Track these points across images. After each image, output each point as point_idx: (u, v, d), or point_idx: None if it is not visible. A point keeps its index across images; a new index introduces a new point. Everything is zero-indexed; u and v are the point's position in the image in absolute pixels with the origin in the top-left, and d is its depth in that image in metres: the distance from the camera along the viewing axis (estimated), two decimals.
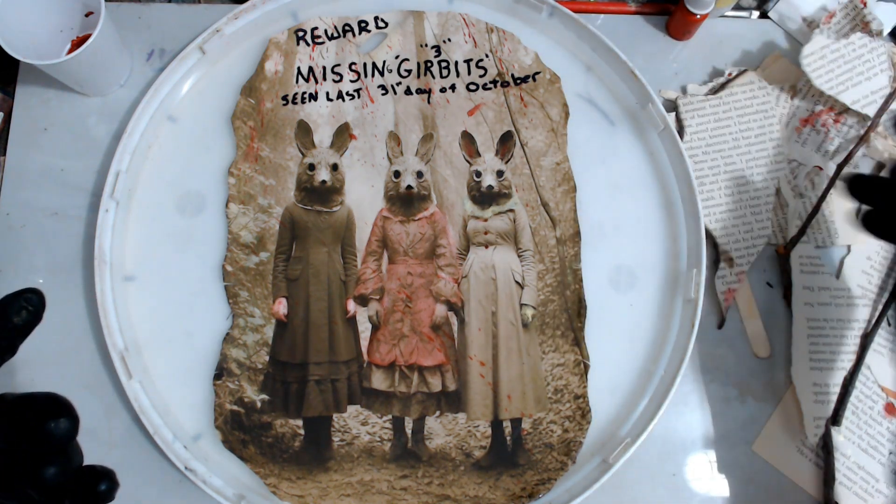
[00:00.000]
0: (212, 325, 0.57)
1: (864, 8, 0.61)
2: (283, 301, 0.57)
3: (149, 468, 0.55)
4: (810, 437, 0.55)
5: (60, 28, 0.60)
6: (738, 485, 0.55)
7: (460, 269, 0.58)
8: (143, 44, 0.63)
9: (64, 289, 0.58)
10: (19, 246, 0.59)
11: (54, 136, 0.61)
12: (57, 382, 0.56)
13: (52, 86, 0.62)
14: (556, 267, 0.58)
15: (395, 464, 0.54)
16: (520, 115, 0.61)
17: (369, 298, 0.57)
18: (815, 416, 0.55)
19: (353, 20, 0.63)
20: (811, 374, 0.56)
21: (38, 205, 0.60)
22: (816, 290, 0.58)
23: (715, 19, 0.65)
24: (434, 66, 0.62)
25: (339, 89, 0.61)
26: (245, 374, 0.56)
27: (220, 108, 0.61)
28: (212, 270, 0.58)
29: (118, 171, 0.58)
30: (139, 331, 0.57)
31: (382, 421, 0.55)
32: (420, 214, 0.59)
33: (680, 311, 0.57)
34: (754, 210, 0.59)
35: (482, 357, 0.56)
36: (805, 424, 0.55)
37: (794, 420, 0.56)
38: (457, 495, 0.53)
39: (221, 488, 0.53)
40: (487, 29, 0.63)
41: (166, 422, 0.54)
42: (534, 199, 0.59)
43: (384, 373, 0.56)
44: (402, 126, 0.61)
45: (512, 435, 0.55)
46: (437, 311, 0.57)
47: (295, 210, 0.59)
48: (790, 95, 0.62)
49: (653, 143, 0.61)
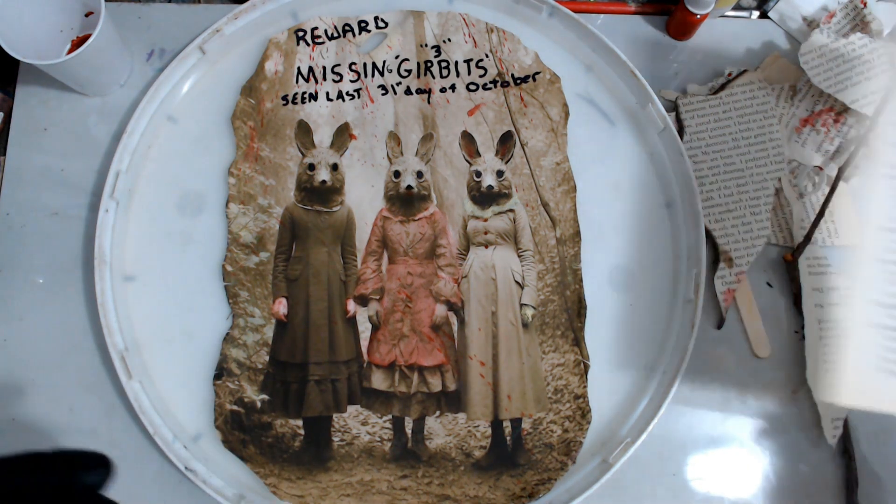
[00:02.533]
0: (212, 325, 0.57)
1: (864, 8, 0.61)
2: (283, 301, 0.57)
3: (149, 468, 0.55)
4: (829, 437, 0.55)
5: (60, 28, 0.60)
6: (739, 485, 0.56)
7: (460, 269, 0.58)
8: (143, 44, 0.63)
9: (64, 289, 0.58)
10: (19, 246, 0.59)
11: (54, 136, 0.61)
12: (57, 382, 0.56)
13: (52, 86, 0.62)
14: (556, 267, 0.58)
15: (395, 464, 0.54)
16: (520, 115, 0.61)
17: (369, 298, 0.57)
18: (833, 416, 0.55)
19: (353, 20, 0.63)
20: (827, 375, 0.55)
21: (38, 205, 0.60)
22: (825, 291, 0.58)
23: (715, 19, 0.65)
24: (434, 66, 0.62)
25: (339, 89, 0.61)
26: (245, 374, 0.56)
27: (220, 108, 0.61)
28: (212, 270, 0.58)
29: (118, 171, 0.58)
30: (139, 331, 0.57)
31: (382, 421, 0.55)
32: (420, 214, 0.59)
33: (680, 311, 0.57)
34: (754, 210, 0.59)
35: (482, 357, 0.56)
36: (823, 426, 0.55)
37: (808, 420, 0.56)
38: (457, 495, 0.53)
39: (221, 488, 0.53)
40: (487, 29, 0.63)
41: (166, 422, 0.54)
42: (534, 199, 0.59)
43: (384, 373, 0.56)
44: (402, 126, 0.61)
45: (512, 435, 0.55)
46: (437, 311, 0.57)
47: (295, 210, 0.59)
48: (790, 95, 0.62)
49: (653, 143, 0.61)
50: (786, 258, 0.59)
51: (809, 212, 0.60)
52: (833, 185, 0.59)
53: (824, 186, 0.60)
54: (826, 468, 0.56)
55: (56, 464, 0.34)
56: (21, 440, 0.56)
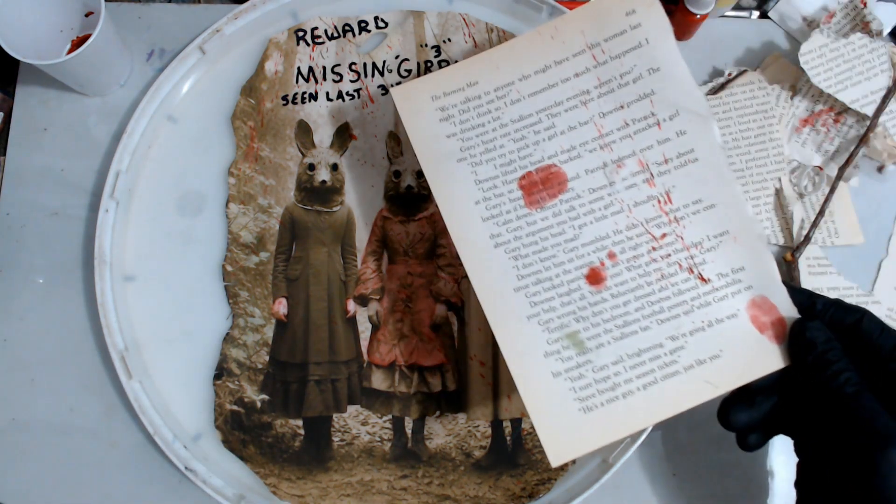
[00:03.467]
0: (212, 325, 0.57)
1: (864, 8, 0.61)
2: (283, 301, 0.57)
3: (149, 468, 0.55)
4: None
5: (60, 28, 0.60)
6: (740, 485, 0.55)
7: (460, 269, 0.58)
8: (143, 44, 0.63)
9: (64, 289, 0.58)
10: (19, 246, 0.59)
11: (54, 136, 0.61)
12: (57, 382, 0.56)
13: (52, 86, 0.62)
14: None
15: (395, 464, 0.54)
16: None
17: (369, 298, 0.57)
18: None
19: (353, 20, 0.63)
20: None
21: (38, 205, 0.60)
22: (825, 292, 0.58)
23: (715, 19, 0.65)
24: (434, 66, 0.62)
25: (339, 89, 0.61)
26: (245, 374, 0.56)
27: (220, 108, 0.61)
28: (212, 270, 0.58)
29: (118, 171, 0.58)
30: (139, 331, 0.57)
31: (382, 421, 0.55)
32: (420, 214, 0.59)
33: None
34: (754, 210, 0.59)
35: (482, 357, 0.56)
36: None
37: None
38: (457, 495, 0.53)
39: (221, 488, 0.53)
40: (487, 29, 0.63)
41: (166, 422, 0.54)
42: None
43: (384, 373, 0.56)
44: (402, 126, 0.61)
45: (512, 435, 0.55)
46: (438, 311, 0.57)
47: (295, 210, 0.59)
48: (790, 95, 0.62)
49: None
50: (786, 258, 0.59)
51: (809, 212, 0.60)
52: (833, 185, 0.59)
53: (824, 186, 0.60)
54: None
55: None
56: (21, 440, 0.56)
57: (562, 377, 0.43)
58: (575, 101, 0.48)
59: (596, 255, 0.45)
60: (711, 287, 0.44)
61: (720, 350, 0.43)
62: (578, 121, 0.47)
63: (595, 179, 0.46)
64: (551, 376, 0.43)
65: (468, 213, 0.47)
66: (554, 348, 0.44)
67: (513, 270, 0.45)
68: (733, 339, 0.43)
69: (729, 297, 0.44)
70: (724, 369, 0.43)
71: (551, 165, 0.47)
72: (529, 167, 0.47)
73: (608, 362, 0.43)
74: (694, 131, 0.46)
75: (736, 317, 0.43)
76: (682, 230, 0.45)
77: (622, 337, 0.44)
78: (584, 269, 0.45)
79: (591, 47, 0.48)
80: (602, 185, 0.46)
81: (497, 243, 0.46)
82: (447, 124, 0.49)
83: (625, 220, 0.45)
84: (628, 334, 0.44)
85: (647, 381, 0.43)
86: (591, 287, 0.45)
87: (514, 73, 0.49)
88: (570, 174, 0.46)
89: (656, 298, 0.44)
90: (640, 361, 0.43)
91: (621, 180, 0.46)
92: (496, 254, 0.46)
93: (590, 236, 0.45)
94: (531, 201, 0.46)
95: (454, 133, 0.49)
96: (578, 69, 0.48)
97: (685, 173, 0.46)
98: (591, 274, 0.45)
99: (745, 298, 0.44)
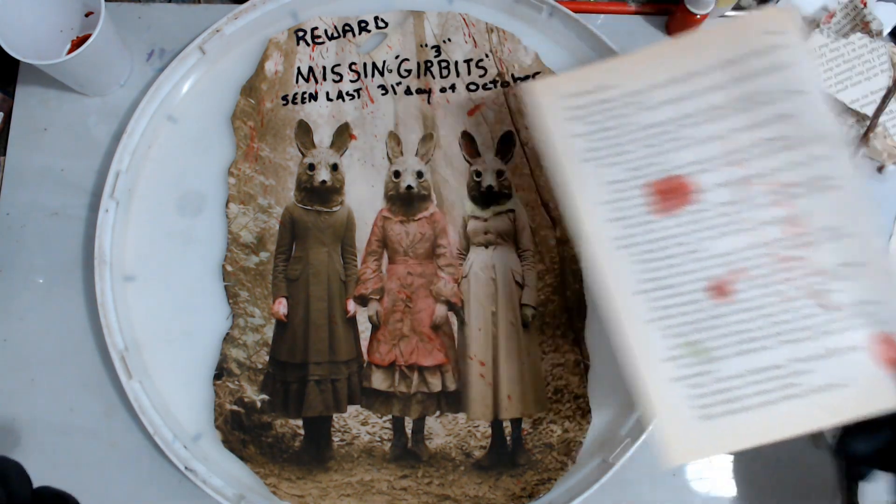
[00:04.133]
0: (212, 325, 0.57)
1: (864, 8, 0.61)
2: (283, 301, 0.57)
3: (149, 468, 0.55)
4: (829, 437, 0.55)
5: (60, 28, 0.60)
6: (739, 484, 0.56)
7: (460, 269, 0.58)
8: (143, 44, 0.63)
9: (64, 289, 0.58)
10: (19, 246, 0.59)
11: (54, 136, 0.61)
12: (57, 382, 0.56)
13: (52, 86, 0.62)
14: (557, 267, 0.58)
15: (396, 464, 0.54)
16: (520, 115, 0.61)
17: (369, 298, 0.57)
18: None
19: (353, 20, 0.63)
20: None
21: (38, 205, 0.60)
22: None
23: (715, 19, 0.65)
24: (434, 66, 0.62)
25: (339, 89, 0.61)
26: (245, 374, 0.56)
27: (220, 108, 0.61)
28: (212, 270, 0.58)
29: (118, 171, 0.58)
30: (139, 331, 0.57)
31: (382, 421, 0.55)
32: (420, 214, 0.59)
33: None
34: None
35: (482, 357, 0.56)
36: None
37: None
38: (457, 495, 0.54)
39: (221, 488, 0.53)
40: (487, 29, 0.63)
41: (166, 422, 0.54)
42: (534, 199, 0.59)
43: (384, 373, 0.56)
44: (402, 126, 0.61)
45: (512, 435, 0.55)
46: (437, 311, 0.57)
47: (295, 210, 0.59)
48: None
49: None
50: None
51: None
52: None
53: None
54: (826, 468, 0.56)
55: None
56: (21, 440, 0.56)
57: (681, 383, 0.44)
58: (708, 115, 0.47)
59: (720, 268, 0.45)
60: (837, 316, 0.44)
61: (843, 380, 0.43)
62: (709, 135, 0.47)
63: (723, 194, 0.46)
64: (670, 381, 0.44)
65: (593, 212, 0.46)
66: (673, 354, 0.44)
67: (635, 274, 0.45)
68: (857, 371, 0.43)
69: (854, 329, 0.44)
70: (846, 399, 0.43)
71: (679, 175, 0.46)
72: (657, 175, 0.46)
73: (730, 375, 0.44)
74: (833, 158, 0.45)
75: (861, 349, 0.43)
76: (812, 255, 0.44)
77: (745, 352, 0.44)
78: (706, 280, 0.45)
79: (728, 63, 0.47)
80: (730, 200, 0.46)
81: (620, 245, 0.46)
82: (576, 123, 0.48)
83: (750, 237, 0.45)
84: (751, 350, 0.44)
85: (766, 399, 0.43)
86: (713, 300, 0.45)
87: (648, 80, 0.48)
88: (698, 186, 0.46)
89: (780, 319, 0.44)
90: (761, 379, 0.43)
91: (750, 198, 0.45)
92: (619, 255, 0.46)
93: (715, 249, 0.45)
94: (658, 209, 0.46)
95: (582, 133, 0.48)
96: (713, 83, 0.47)
97: (821, 199, 0.45)
98: (714, 287, 0.45)
99: (874, 332, 0.43)
